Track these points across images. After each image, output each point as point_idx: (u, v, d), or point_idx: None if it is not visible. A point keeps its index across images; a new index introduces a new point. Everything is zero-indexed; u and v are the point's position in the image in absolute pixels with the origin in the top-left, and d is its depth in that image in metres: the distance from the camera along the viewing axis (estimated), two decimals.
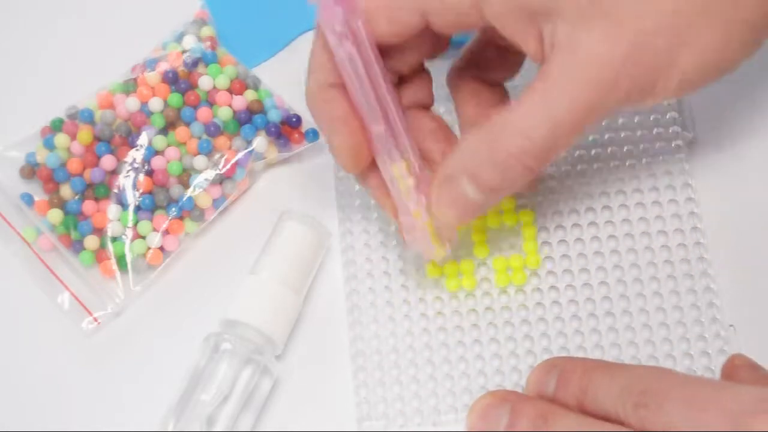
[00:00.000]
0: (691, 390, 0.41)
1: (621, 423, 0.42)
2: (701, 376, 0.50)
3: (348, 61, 0.45)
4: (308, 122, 0.56)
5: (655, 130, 0.55)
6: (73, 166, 0.54)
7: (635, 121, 0.55)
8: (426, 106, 0.51)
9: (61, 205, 0.54)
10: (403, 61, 0.49)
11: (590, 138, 0.55)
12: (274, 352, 0.50)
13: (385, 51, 0.47)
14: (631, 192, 0.54)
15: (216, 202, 0.55)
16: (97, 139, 0.55)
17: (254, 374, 0.49)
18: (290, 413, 0.51)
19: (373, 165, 0.49)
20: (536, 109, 0.45)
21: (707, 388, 0.41)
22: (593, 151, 0.55)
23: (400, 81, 0.50)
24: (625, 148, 0.55)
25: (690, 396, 0.41)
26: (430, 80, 0.51)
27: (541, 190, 0.54)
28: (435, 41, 0.49)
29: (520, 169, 0.45)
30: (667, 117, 0.55)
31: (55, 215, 0.54)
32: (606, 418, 0.43)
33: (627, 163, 0.54)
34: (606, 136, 0.55)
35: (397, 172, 0.48)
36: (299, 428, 0.50)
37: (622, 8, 0.44)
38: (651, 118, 0.55)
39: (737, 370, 0.46)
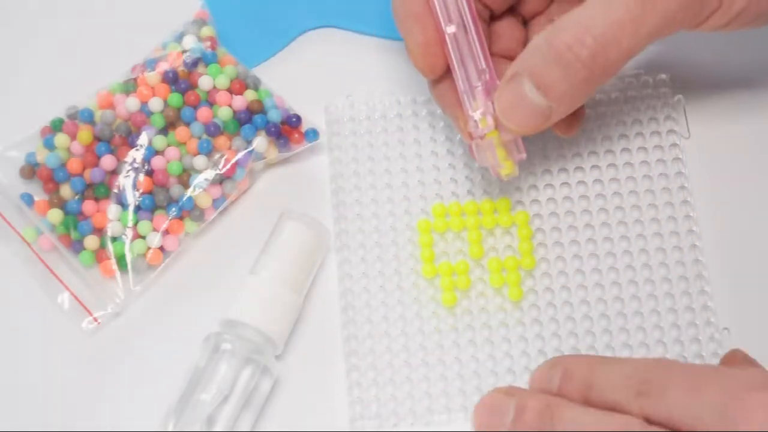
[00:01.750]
0: (692, 376, 0.42)
1: (625, 413, 0.43)
2: (703, 364, 0.50)
3: None
4: (308, 122, 0.56)
5: (650, 130, 0.55)
6: (73, 166, 0.54)
7: (630, 121, 0.55)
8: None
9: (61, 205, 0.54)
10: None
11: (585, 145, 0.55)
12: (274, 352, 0.50)
13: None
14: (627, 194, 0.54)
15: (216, 202, 0.55)
16: (97, 139, 0.55)
17: (254, 374, 0.49)
18: (290, 413, 0.51)
19: (447, 76, 0.49)
20: (597, 12, 0.45)
21: (707, 372, 0.42)
22: (589, 155, 0.55)
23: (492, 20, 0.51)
24: (621, 148, 0.55)
25: (690, 381, 0.41)
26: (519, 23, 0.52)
27: (539, 191, 0.54)
28: None
29: (578, 67, 0.46)
30: (663, 119, 0.55)
31: (55, 215, 0.54)
32: (611, 410, 0.44)
33: (623, 163, 0.55)
34: (603, 149, 0.55)
35: (467, 75, 0.49)
36: (299, 428, 0.51)
37: None
38: (648, 118, 0.55)
39: (735, 362, 0.47)
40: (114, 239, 0.53)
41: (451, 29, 0.48)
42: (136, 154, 0.54)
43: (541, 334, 0.52)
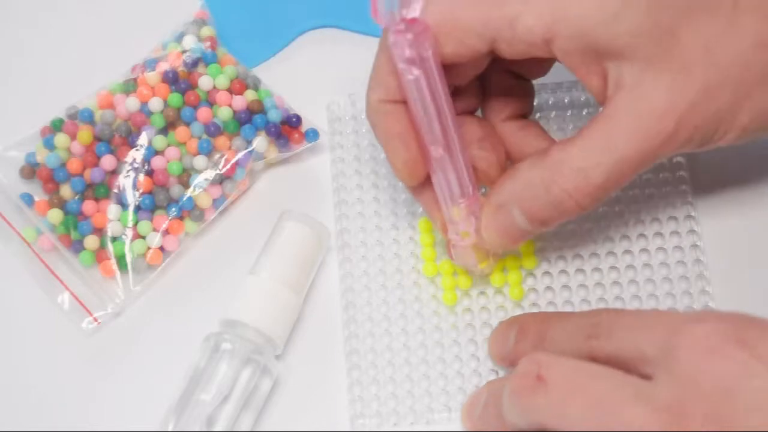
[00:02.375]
0: (637, 318, 0.43)
1: (576, 357, 0.44)
2: (651, 309, 0.51)
3: (415, 85, 0.45)
4: (308, 122, 0.56)
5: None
6: (73, 166, 0.54)
7: None
8: (473, 112, 0.52)
9: (61, 205, 0.54)
10: (461, 76, 0.49)
11: None
12: (274, 352, 0.50)
13: (445, 67, 0.46)
14: (627, 201, 0.54)
15: (216, 202, 0.55)
16: (97, 139, 0.55)
17: (254, 374, 0.49)
18: (290, 413, 0.51)
19: (428, 180, 0.49)
20: (597, 149, 0.45)
21: (651, 314, 0.44)
22: None
23: (454, 91, 0.50)
24: None
25: (635, 322, 0.43)
26: (480, 89, 0.51)
27: None
28: (494, 60, 0.48)
29: (572, 206, 0.46)
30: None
31: (55, 215, 0.54)
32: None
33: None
34: None
35: (450, 193, 0.48)
36: (299, 428, 0.51)
37: (692, 56, 0.44)
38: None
39: None
40: (114, 239, 0.53)
41: (437, 153, 0.47)
42: (136, 154, 0.54)
43: None
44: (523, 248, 0.53)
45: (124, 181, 0.54)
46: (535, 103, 0.53)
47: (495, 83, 0.51)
